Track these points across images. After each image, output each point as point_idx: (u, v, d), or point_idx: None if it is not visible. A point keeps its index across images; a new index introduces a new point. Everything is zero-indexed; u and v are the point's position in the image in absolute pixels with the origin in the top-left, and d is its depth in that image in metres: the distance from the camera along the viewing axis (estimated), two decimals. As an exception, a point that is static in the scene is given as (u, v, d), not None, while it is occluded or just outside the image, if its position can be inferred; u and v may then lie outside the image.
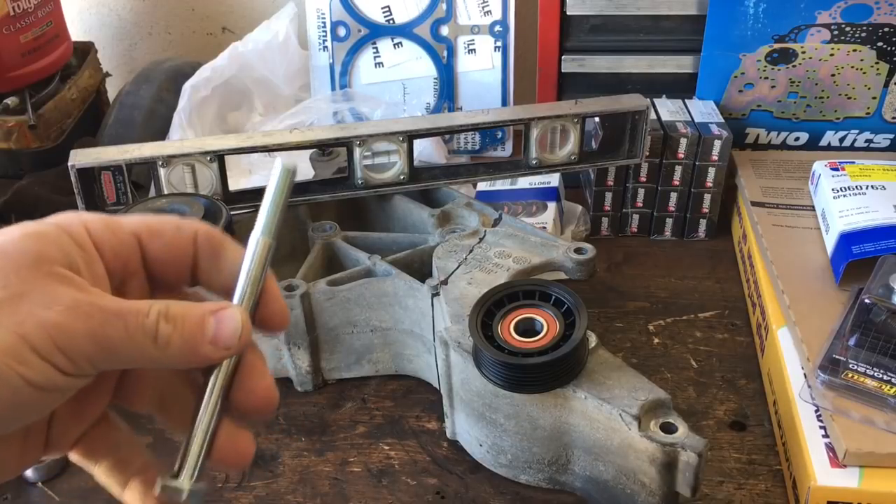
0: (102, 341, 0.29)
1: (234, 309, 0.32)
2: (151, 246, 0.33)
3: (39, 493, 0.56)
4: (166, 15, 1.11)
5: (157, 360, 0.31)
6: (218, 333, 0.31)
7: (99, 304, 0.29)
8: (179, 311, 0.31)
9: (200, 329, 0.31)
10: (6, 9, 0.81)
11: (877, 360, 0.53)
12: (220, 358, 0.32)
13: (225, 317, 0.32)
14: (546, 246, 0.62)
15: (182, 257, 0.34)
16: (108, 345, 0.29)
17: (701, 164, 0.75)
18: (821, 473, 0.49)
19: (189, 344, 0.31)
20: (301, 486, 0.55)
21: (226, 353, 0.32)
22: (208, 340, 0.31)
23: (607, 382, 0.49)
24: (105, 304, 0.30)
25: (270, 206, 0.34)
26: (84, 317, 0.29)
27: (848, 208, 0.65)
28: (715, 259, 0.77)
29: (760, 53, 0.80)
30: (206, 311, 0.32)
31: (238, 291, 0.33)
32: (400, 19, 0.90)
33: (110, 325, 0.29)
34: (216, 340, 0.31)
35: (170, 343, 0.30)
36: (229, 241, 0.34)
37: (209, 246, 0.34)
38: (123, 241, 0.33)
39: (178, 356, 0.31)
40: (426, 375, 0.63)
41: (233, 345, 0.32)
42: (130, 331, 0.30)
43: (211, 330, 0.31)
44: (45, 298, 0.28)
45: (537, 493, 0.54)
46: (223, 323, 0.31)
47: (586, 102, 0.69)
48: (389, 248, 0.65)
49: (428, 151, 0.84)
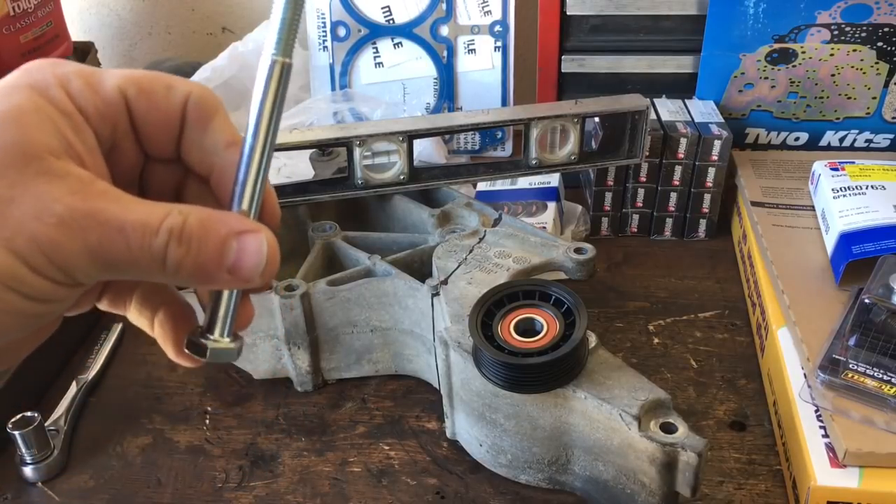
0: (101, 259, 0.26)
1: (262, 235, 0.27)
2: (139, 104, 0.29)
3: (39, 493, 0.56)
4: (166, 15, 1.11)
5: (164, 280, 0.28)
6: (238, 262, 0.27)
7: (98, 216, 0.25)
8: (196, 232, 0.26)
9: (219, 255, 0.27)
10: (6, 9, 0.81)
11: (877, 360, 0.53)
12: (238, 287, 0.28)
13: (249, 244, 0.27)
14: (546, 246, 0.62)
15: (171, 119, 0.29)
16: (108, 262, 0.26)
17: (701, 164, 0.75)
18: (821, 473, 0.49)
19: (203, 270, 0.27)
20: (301, 486, 0.55)
21: (244, 285, 0.28)
22: (226, 268, 0.27)
23: (607, 382, 0.49)
24: (107, 215, 0.25)
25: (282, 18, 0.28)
26: (80, 232, 0.25)
27: (848, 208, 0.65)
28: (715, 259, 0.77)
29: (760, 53, 0.80)
30: (231, 232, 0.27)
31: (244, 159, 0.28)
32: (400, 19, 0.90)
33: (111, 242, 0.25)
34: (236, 270, 0.27)
35: (180, 269, 0.26)
36: (222, 111, 0.30)
37: (199, 112, 0.29)
38: (108, 101, 0.28)
39: (189, 280, 0.27)
40: (426, 375, 0.63)
41: (254, 279, 0.28)
42: (134, 252, 0.26)
43: (231, 257, 0.27)
44: (37, 205, 0.25)
45: (537, 493, 0.54)
46: (246, 251, 0.27)
47: (586, 102, 0.69)
48: (389, 248, 0.65)
49: (428, 151, 0.84)
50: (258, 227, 0.28)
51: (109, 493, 0.56)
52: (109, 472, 0.57)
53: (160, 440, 0.60)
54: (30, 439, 0.55)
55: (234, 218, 0.28)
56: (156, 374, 0.66)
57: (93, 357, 0.66)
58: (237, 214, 0.28)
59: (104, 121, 0.28)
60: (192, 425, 0.61)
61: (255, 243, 0.27)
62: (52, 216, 0.25)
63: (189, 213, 0.27)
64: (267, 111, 0.28)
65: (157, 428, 0.61)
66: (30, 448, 0.56)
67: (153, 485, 0.56)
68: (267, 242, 0.28)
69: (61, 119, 0.26)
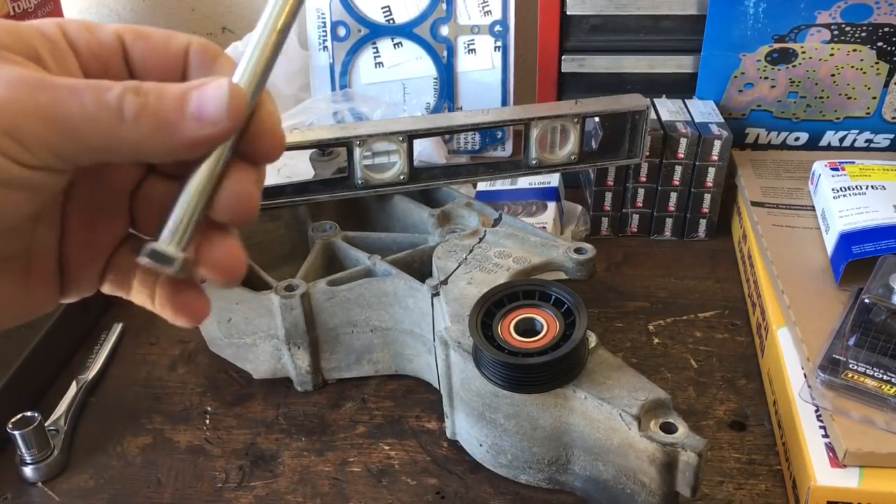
0: (56, 121, 0.25)
1: (219, 79, 0.27)
2: (135, 48, 0.29)
3: (39, 493, 0.56)
4: (166, 15, 1.11)
5: (129, 144, 0.26)
6: (202, 105, 0.26)
7: (49, 80, 0.25)
8: (153, 86, 0.26)
9: (179, 102, 0.26)
10: (6, 8, 0.81)
11: (877, 360, 0.53)
12: (208, 138, 0.27)
13: (208, 87, 0.26)
14: (546, 246, 0.62)
15: (171, 66, 0.29)
16: (64, 125, 0.25)
17: (701, 164, 0.75)
18: (821, 473, 0.49)
19: (165, 119, 0.26)
20: (301, 486, 0.55)
21: (213, 130, 0.26)
22: (190, 115, 0.26)
23: (607, 382, 0.49)
24: (57, 80, 0.25)
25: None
26: (29, 91, 0.24)
27: (848, 208, 0.65)
28: (715, 259, 0.77)
29: (760, 53, 0.80)
30: (189, 86, 0.26)
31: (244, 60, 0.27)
32: (400, 19, 0.90)
33: (63, 100, 0.25)
34: (200, 114, 0.26)
35: (140, 118, 0.25)
36: (225, 57, 0.30)
37: (203, 58, 0.29)
38: (103, 41, 0.28)
39: (155, 138, 0.26)
40: (426, 375, 0.63)
41: (220, 119, 0.26)
42: (88, 106, 0.25)
43: (193, 102, 0.26)
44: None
45: (537, 493, 0.54)
46: (207, 94, 0.26)
47: (586, 102, 0.69)
48: (389, 248, 0.66)
49: (428, 151, 0.84)
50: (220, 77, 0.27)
51: (109, 493, 0.56)
52: (109, 472, 0.57)
53: (160, 440, 0.60)
54: (30, 439, 0.55)
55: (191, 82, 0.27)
56: (156, 374, 0.66)
57: (93, 357, 0.66)
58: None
59: (96, 58, 0.28)
60: (192, 425, 0.61)
61: (214, 84, 0.27)
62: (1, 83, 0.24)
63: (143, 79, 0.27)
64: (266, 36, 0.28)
65: (157, 428, 0.61)
66: (30, 448, 0.56)
67: (153, 485, 0.56)
68: (228, 83, 0.27)
69: (43, 40, 0.27)
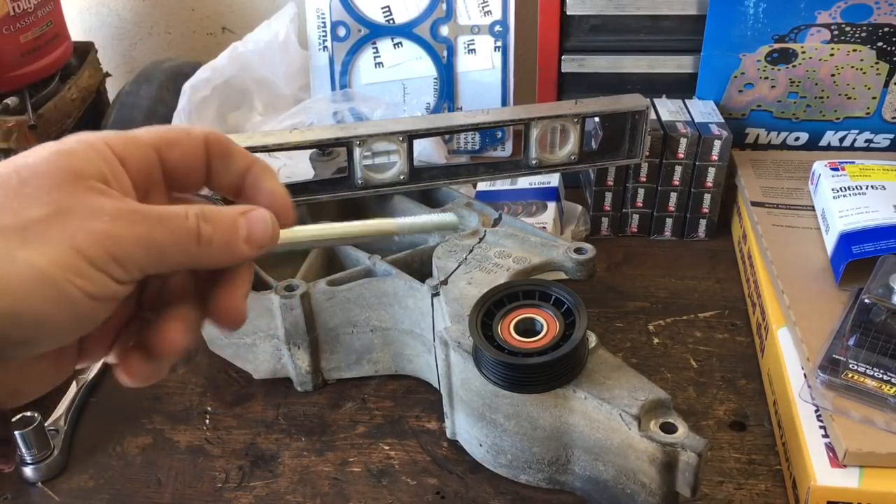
0: (151, 246, 0.31)
1: (261, 210, 0.35)
2: (170, 156, 0.35)
3: (39, 493, 0.56)
4: (166, 15, 1.11)
5: (200, 260, 0.33)
6: (251, 232, 0.34)
7: (142, 211, 0.31)
8: (214, 213, 0.33)
9: (234, 229, 0.33)
10: (6, 9, 0.81)
11: (877, 360, 0.53)
12: (254, 255, 0.34)
13: (255, 217, 0.34)
14: (546, 246, 0.62)
15: (197, 162, 0.36)
16: (156, 248, 0.31)
17: (701, 164, 0.75)
18: (821, 473, 0.49)
19: (227, 243, 0.33)
20: (301, 486, 0.55)
21: (259, 250, 0.34)
22: (242, 239, 0.34)
23: (607, 382, 0.49)
24: (147, 211, 0.31)
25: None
26: (131, 224, 0.30)
27: (848, 208, 0.65)
28: (715, 259, 0.77)
29: (760, 53, 0.80)
30: (236, 212, 0.34)
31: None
32: (400, 19, 0.90)
33: (156, 229, 0.31)
34: (250, 239, 0.34)
35: (212, 242, 0.32)
36: (237, 147, 0.37)
37: (219, 148, 0.36)
38: (144, 155, 0.34)
39: (218, 255, 0.33)
40: (426, 375, 0.63)
41: (265, 242, 0.34)
42: (175, 233, 0.31)
43: (244, 229, 0.34)
44: (91, 211, 0.30)
45: (537, 493, 0.54)
46: (254, 223, 0.34)
47: (586, 102, 0.69)
48: (389, 248, 0.66)
49: (428, 151, 0.84)
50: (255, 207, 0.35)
51: (109, 493, 0.56)
52: (109, 472, 0.57)
53: (160, 440, 0.60)
54: (30, 439, 0.55)
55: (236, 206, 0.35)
56: (156, 374, 0.66)
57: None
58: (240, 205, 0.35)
59: (140, 171, 0.34)
60: (192, 425, 0.61)
61: (259, 214, 0.34)
62: (105, 215, 0.30)
63: (203, 206, 0.33)
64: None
65: (157, 428, 0.61)
66: (30, 448, 0.56)
67: (153, 485, 0.56)
68: (268, 213, 0.35)
69: (102, 161, 0.32)
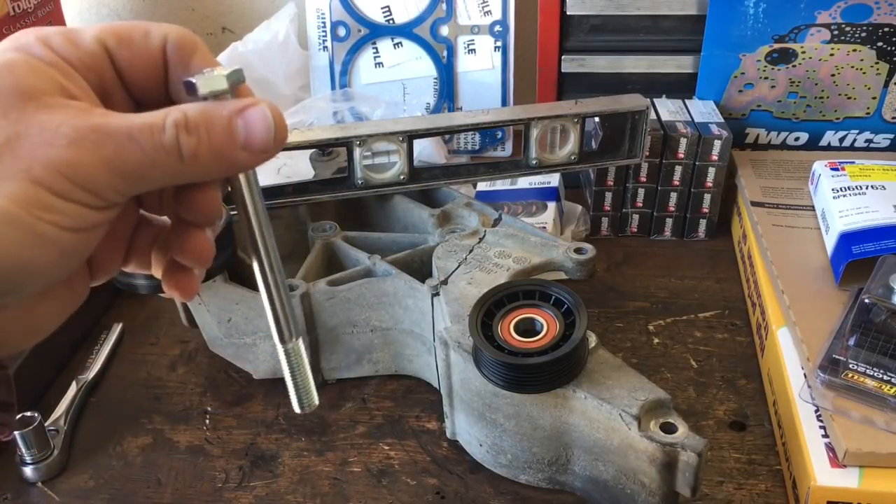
0: (121, 168, 0.26)
1: (262, 104, 0.28)
2: (121, 55, 0.29)
3: (39, 493, 0.56)
4: (166, 15, 1.11)
5: (188, 177, 0.28)
6: (250, 136, 0.28)
7: (105, 128, 0.26)
8: (200, 119, 0.27)
9: (229, 135, 0.28)
10: (6, 9, 0.81)
11: (877, 360, 0.53)
12: (257, 162, 0.29)
13: (253, 115, 0.28)
14: (546, 246, 0.62)
15: (155, 67, 0.30)
16: (129, 170, 0.26)
17: (701, 164, 0.75)
18: (821, 473, 0.49)
19: (220, 154, 0.28)
20: (301, 486, 0.55)
21: (263, 156, 0.29)
22: (240, 145, 0.28)
23: (607, 382, 0.49)
24: (113, 127, 0.26)
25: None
26: (94, 146, 0.26)
27: (848, 208, 0.65)
28: (715, 259, 0.77)
29: (760, 53, 0.80)
30: (232, 111, 0.28)
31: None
32: (400, 19, 0.90)
33: (125, 149, 0.26)
34: (249, 144, 0.28)
35: (197, 156, 0.27)
36: (201, 46, 0.30)
37: (179, 52, 0.30)
38: (90, 51, 0.29)
39: (210, 168, 0.28)
40: (426, 375, 0.63)
41: (269, 147, 0.28)
42: (148, 152, 0.27)
43: (241, 133, 0.28)
44: (45, 134, 0.26)
45: (537, 493, 0.54)
46: (253, 123, 0.28)
47: (586, 102, 0.69)
48: (389, 248, 0.65)
49: (428, 151, 0.84)
50: (256, 100, 0.29)
51: (109, 493, 0.56)
52: (109, 472, 0.57)
53: (160, 440, 0.60)
54: (30, 439, 0.55)
55: (231, 101, 0.28)
56: (156, 374, 0.66)
57: (93, 357, 0.66)
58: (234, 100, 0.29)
59: (90, 71, 0.29)
60: (192, 425, 0.61)
61: (259, 112, 0.28)
62: (61, 138, 0.26)
63: (186, 108, 0.28)
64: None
65: (157, 428, 0.61)
66: (30, 448, 0.56)
67: (153, 485, 0.56)
68: (269, 109, 0.28)
69: (49, 68, 0.27)
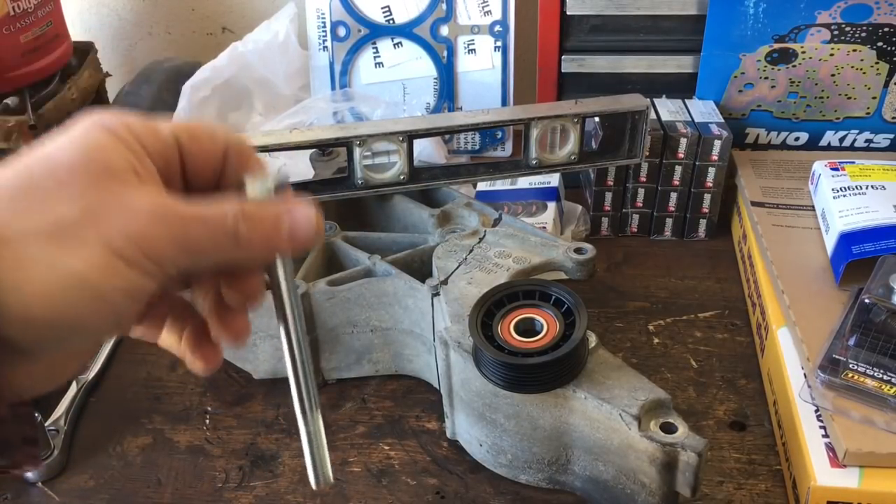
0: (186, 245, 0.31)
1: (306, 206, 0.33)
2: (190, 149, 0.34)
3: (39, 493, 0.56)
4: (166, 15, 1.11)
5: (237, 259, 0.32)
6: (294, 228, 0.33)
7: (178, 210, 0.31)
8: (255, 212, 0.32)
9: (277, 226, 0.33)
10: (6, 9, 0.81)
11: (877, 360, 0.53)
12: (297, 252, 0.34)
13: (299, 212, 0.33)
14: (546, 246, 0.62)
15: (214, 163, 0.35)
16: (192, 248, 0.31)
17: (701, 164, 0.75)
18: (821, 473, 0.49)
19: (269, 242, 0.33)
20: (301, 486, 0.55)
21: (303, 246, 0.34)
22: (286, 235, 0.33)
23: (607, 382, 0.49)
24: (184, 210, 0.31)
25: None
26: (167, 223, 0.30)
27: (848, 208, 0.65)
28: (715, 259, 0.77)
29: (760, 53, 0.80)
30: (281, 209, 0.33)
31: None
32: (400, 19, 0.90)
33: (192, 229, 0.31)
34: (294, 234, 0.33)
35: (251, 243, 0.32)
36: (255, 156, 0.36)
37: (238, 158, 0.35)
38: (165, 142, 0.33)
39: (259, 254, 0.33)
40: (426, 375, 0.63)
41: (309, 238, 0.33)
42: (212, 234, 0.31)
43: (287, 226, 0.33)
44: (126, 209, 0.30)
45: (537, 493, 0.54)
46: (298, 218, 0.33)
47: (586, 102, 0.69)
48: (389, 248, 0.65)
49: (428, 151, 0.84)
50: (299, 201, 0.34)
51: (109, 493, 0.56)
52: (109, 472, 0.57)
53: (160, 440, 0.60)
54: (30, 439, 0.55)
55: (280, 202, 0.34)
56: (156, 374, 0.66)
57: (93, 357, 0.66)
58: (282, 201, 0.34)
59: (160, 158, 0.33)
60: (192, 425, 0.61)
61: (304, 210, 0.33)
62: (141, 214, 0.30)
63: (242, 203, 0.32)
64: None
65: (157, 428, 0.61)
66: (30, 448, 0.56)
67: (153, 485, 0.56)
68: (311, 208, 0.34)
69: (129, 152, 0.31)
